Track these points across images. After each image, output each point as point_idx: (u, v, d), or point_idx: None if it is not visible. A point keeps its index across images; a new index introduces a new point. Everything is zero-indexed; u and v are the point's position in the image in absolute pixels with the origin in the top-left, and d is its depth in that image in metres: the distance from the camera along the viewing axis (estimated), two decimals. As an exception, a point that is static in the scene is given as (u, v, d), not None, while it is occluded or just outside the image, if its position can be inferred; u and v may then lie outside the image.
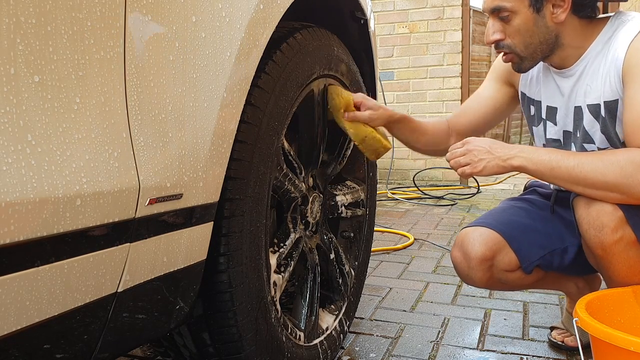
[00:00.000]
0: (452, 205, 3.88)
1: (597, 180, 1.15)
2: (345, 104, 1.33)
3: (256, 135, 1.01)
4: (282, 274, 1.19)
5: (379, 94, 1.49)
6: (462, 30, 4.73)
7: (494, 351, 1.50)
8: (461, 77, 4.77)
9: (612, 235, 1.17)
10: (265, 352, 1.09)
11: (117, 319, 0.77)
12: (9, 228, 0.57)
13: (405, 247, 2.65)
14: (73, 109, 0.64)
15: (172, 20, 0.78)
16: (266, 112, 1.03)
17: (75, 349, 0.72)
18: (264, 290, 1.08)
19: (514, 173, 5.32)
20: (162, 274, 0.83)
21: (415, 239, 2.79)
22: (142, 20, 0.73)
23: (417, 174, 4.76)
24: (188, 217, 0.86)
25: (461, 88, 4.74)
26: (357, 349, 1.52)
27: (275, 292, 1.15)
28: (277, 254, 1.19)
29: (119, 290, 0.75)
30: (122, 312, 0.77)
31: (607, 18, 1.25)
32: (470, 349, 1.52)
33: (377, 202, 3.51)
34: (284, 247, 1.23)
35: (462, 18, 4.73)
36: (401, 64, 4.92)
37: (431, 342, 1.56)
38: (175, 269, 0.86)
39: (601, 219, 1.17)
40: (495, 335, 1.61)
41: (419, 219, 3.36)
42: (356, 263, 1.61)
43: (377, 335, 1.60)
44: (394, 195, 4.22)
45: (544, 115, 1.37)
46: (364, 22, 1.53)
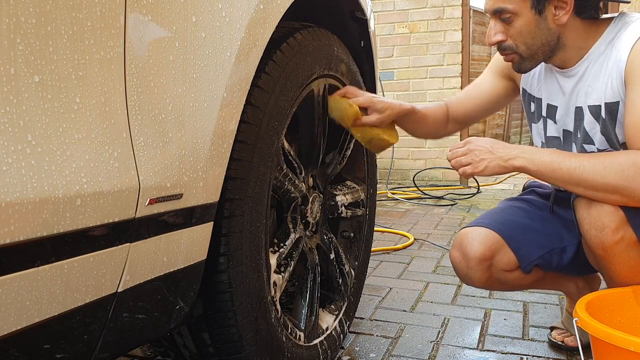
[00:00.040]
0: (452, 205, 3.88)
1: (597, 183, 1.15)
2: (353, 115, 1.34)
3: (256, 135, 1.01)
4: (282, 274, 1.19)
5: (379, 94, 1.49)
6: (462, 30, 4.73)
7: (494, 351, 1.50)
8: (461, 77, 4.77)
9: (613, 236, 1.17)
10: (265, 352, 1.09)
11: (117, 319, 0.77)
12: (9, 228, 0.57)
13: (405, 247, 2.65)
14: (73, 109, 0.64)
15: (172, 20, 0.78)
16: (266, 112, 1.03)
17: (75, 349, 0.72)
18: (264, 290, 1.08)
19: (514, 173, 5.32)
20: (162, 274, 0.83)
21: (415, 239, 2.79)
22: (142, 20, 0.73)
23: (417, 174, 4.76)
24: (188, 217, 0.86)
25: (461, 88, 4.74)
26: (357, 349, 1.52)
27: (275, 292, 1.15)
28: (277, 254, 1.19)
29: (119, 290, 0.75)
30: (122, 312, 0.77)
31: (610, 19, 1.24)
32: (470, 349, 1.52)
33: (377, 202, 3.51)
34: (284, 247, 1.23)
35: (462, 18, 4.73)
36: (401, 64, 4.92)
37: (431, 342, 1.56)
38: (175, 269, 0.86)
39: (602, 219, 1.17)
40: (495, 335, 1.61)
41: (419, 219, 3.36)
42: (356, 263, 1.61)
43: (377, 335, 1.60)
44: (394, 195, 4.22)
45: (544, 113, 1.37)
46: (364, 22, 1.53)
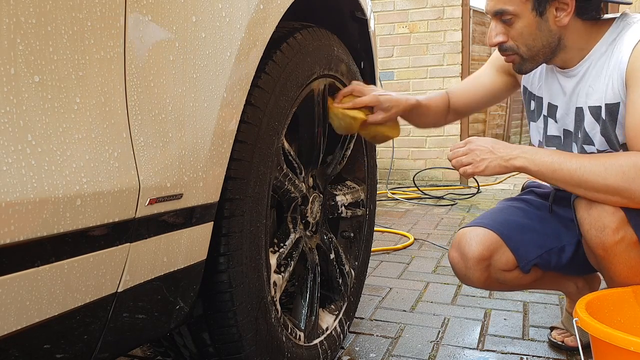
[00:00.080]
0: (452, 205, 3.88)
1: (598, 184, 1.15)
2: (359, 124, 1.35)
3: (256, 135, 1.01)
4: (282, 274, 1.19)
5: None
6: (462, 30, 4.73)
7: (494, 351, 1.50)
8: (461, 77, 4.76)
9: (613, 236, 1.17)
10: (265, 352, 1.09)
11: (117, 319, 0.77)
12: (9, 228, 0.57)
13: (405, 247, 2.65)
14: (73, 109, 0.64)
15: (172, 20, 0.78)
16: (266, 112, 1.03)
17: (75, 349, 0.72)
18: (264, 290, 1.08)
19: (514, 173, 5.32)
20: (162, 274, 0.83)
21: (415, 239, 2.79)
22: (142, 20, 0.73)
23: (417, 174, 4.76)
24: (188, 217, 0.86)
25: (461, 88, 4.74)
26: (357, 349, 1.52)
27: (275, 292, 1.15)
28: (277, 254, 1.19)
29: (119, 290, 0.75)
30: (122, 312, 0.77)
31: (611, 19, 1.23)
32: (470, 349, 1.52)
33: (377, 202, 3.51)
34: (284, 247, 1.23)
35: (462, 18, 4.72)
36: (401, 64, 4.92)
37: (431, 342, 1.56)
38: (176, 269, 0.86)
39: (602, 219, 1.17)
40: (495, 335, 1.61)
41: (419, 219, 3.36)
42: (356, 263, 1.61)
43: (377, 335, 1.60)
44: (394, 195, 4.21)
45: (545, 112, 1.37)
46: (365, 22, 1.53)
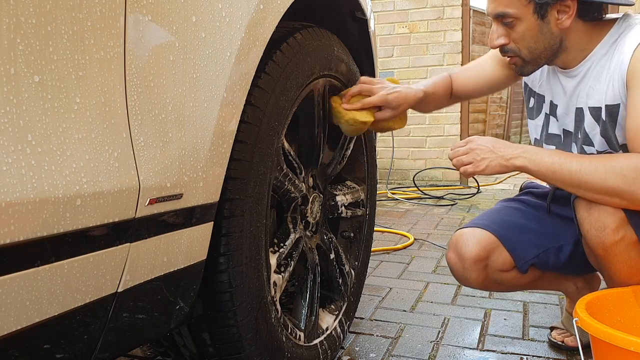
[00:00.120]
0: (452, 205, 3.88)
1: (598, 185, 1.15)
2: (368, 127, 1.39)
3: (256, 135, 1.01)
4: (282, 274, 1.19)
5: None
6: (462, 30, 4.73)
7: (494, 351, 1.50)
8: (461, 77, 4.76)
9: (613, 236, 1.17)
10: (265, 352, 1.09)
11: (117, 319, 0.77)
12: (9, 228, 0.57)
13: (405, 247, 2.65)
14: (73, 109, 0.64)
15: (172, 20, 0.78)
16: (266, 112, 1.03)
17: (75, 349, 0.72)
18: (264, 290, 1.08)
19: (515, 173, 5.32)
20: (162, 274, 0.83)
21: (415, 239, 2.79)
22: (142, 20, 0.73)
23: (417, 174, 4.76)
24: (188, 217, 0.86)
25: (461, 88, 4.74)
26: (357, 349, 1.52)
27: (275, 292, 1.15)
28: (277, 254, 1.19)
29: (119, 290, 0.75)
30: (122, 312, 0.77)
31: (613, 20, 1.23)
32: (470, 349, 1.52)
33: (377, 202, 3.51)
34: (284, 247, 1.23)
35: (462, 18, 4.72)
36: (401, 64, 4.92)
37: (431, 342, 1.56)
38: (176, 269, 0.86)
39: (602, 219, 1.17)
40: (495, 335, 1.61)
41: (419, 219, 3.36)
42: (356, 263, 1.61)
43: (377, 335, 1.60)
44: (394, 195, 4.21)
45: (547, 110, 1.37)
46: (365, 22, 1.53)
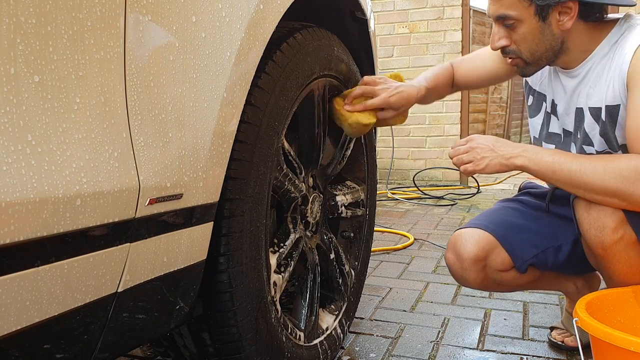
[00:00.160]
0: (452, 205, 3.88)
1: (597, 186, 1.15)
2: (371, 126, 1.39)
3: (256, 135, 1.01)
4: (282, 274, 1.19)
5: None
6: (462, 30, 4.73)
7: (494, 351, 1.50)
8: (461, 77, 4.76)
9: (612, 235, 1.17)
10: (265, 352, 1.09)
11: (117, 319, 0.77)
12: (9, 228, 0.57)
13: (405, 247, 2.65)
14: (73, 109, 0.64)
15: (172, 20, 0.78)
16: (266, 112, 1.03)
17: (75, 349, 0.72)
18: (264, 290, 1.08)
19: (515, 173, 5.32)
20: (162, 274, 0.83)
21: (415, 239, 2.79)
22: (142, 20, 0.73)
23: (417, 174, 4.76)
24: (188, 217, 0.86)
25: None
26: (357, 349, 1.52)
27: (275, 292, 1.15)
28: (277, 254, 1.19)
29: (119, 290, 0.75)
30: (122, 312, 0.77)
31: (615, 20, 1.23)
32: (470, 349, 1.52)
33: (377, 202, 3.51)
34: (284, 247, 1.23)
35: (462, 18, 4.72)
36: (401, 64, 4.92)
37: (431, 342, 1.56)
38: (175, 269, 0.86)
39: (602, 219, 1.17)
40: (495, 335, 1.61)
41: (419, 219, 3.36)
42: (356, 263, 1.61)
43: (377, 335, 1.60)
44: (394, 195, 4.21)
45: (548, 109, 1.37)
46: (365, 22, 1.53)
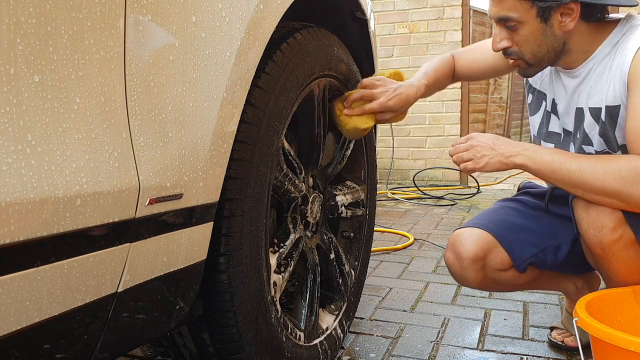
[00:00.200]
0: (452, 205, 3.88)
1: (596, 187, 1.15)
2: (370, 129, 1.40)
3: (256, 135, 1.01)
4: (282, 274, 1.19)
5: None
6: (462, 30, 4.73)
7: (494, 351, 1.50)
8: (461, 77, 4.76)
9: (611, 235, 1.17)
10: (265, 352, 1.09)
11: (117, 319, 0.77)
12: (9, 228, 0.57)
13: (405, 247, 2.65)
14: (73, 109, 0.64)
15: (172, 20, 0.78)
16: (266, 112, 1.03)
17: (75, 349, 0.72)
18: (264, 290, 1.08)
19: (514, 173, 5.32)
20: (162, 274, 0.83)
21: (415, 239, 2.79)
22: (142, 20, 0.73)
23: (417, 174, 4.76)
24: (188, 217, 0.86)
25: (461, 88, 4.74)
26: (357, 349, 1.52)
27: (275, 292, 1.15)
28: (277, 254, 1.19)
29: (119, 290, 0.75)
30: (122, 312, 0.77)
31: (616, 21, 1.23)
32: (470, 349, 1.52)
33: (377, 202, 3.51)
34: (284, 247, 1.23)
35: (462, 18, 4.72)
36: (401, 64, 4.91)
37: (431, 342, 1.56)
38: (175, 269, 0.86)
39: (600, 219, 1.17)
40: (495, 335, 1.61)
41: (419, 219, 3.36)
42: (356, 263, 1.61)
43: (377, 335, 1.60)
44: (394, 195, 4.21)
45: (549, 108, 1.37)
46: (365, 22, 1.53)
